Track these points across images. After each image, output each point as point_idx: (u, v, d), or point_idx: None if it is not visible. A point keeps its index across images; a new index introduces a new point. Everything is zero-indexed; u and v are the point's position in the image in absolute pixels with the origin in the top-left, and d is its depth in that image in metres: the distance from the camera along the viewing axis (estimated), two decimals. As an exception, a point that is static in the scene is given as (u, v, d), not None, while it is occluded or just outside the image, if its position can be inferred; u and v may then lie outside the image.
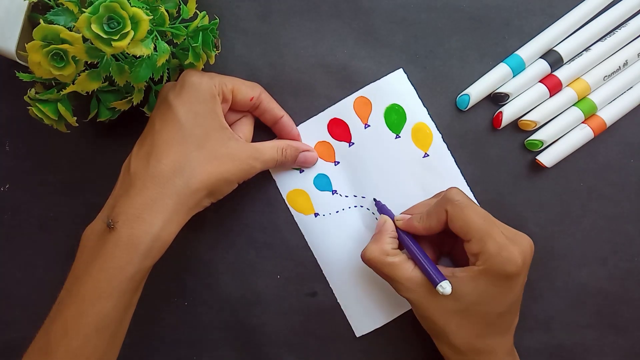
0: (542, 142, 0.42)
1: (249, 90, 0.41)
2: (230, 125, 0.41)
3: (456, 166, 0.44)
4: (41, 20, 0.33)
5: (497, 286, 0.35)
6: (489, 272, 0.34)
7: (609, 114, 0.43)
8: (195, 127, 0.37)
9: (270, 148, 0.41)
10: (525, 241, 0.36)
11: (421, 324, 0.39)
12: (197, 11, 0.39)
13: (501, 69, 0.43)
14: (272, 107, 0.42)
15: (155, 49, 0.35)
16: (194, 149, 0.37)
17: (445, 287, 0.34)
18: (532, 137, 0.43)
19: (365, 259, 0.38)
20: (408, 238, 0.39)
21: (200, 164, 0.37)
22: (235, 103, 0.40)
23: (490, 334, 0.36)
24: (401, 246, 0.39)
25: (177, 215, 0.36)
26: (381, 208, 0.42)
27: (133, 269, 0.34)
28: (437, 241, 0.40)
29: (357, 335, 0.44)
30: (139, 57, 0.34)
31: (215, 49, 0.39)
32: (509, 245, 0.34)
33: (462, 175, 0.43)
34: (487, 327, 0.36)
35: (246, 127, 0.42)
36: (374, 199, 0.43)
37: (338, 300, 0.44)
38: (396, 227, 0.40)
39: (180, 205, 0.36)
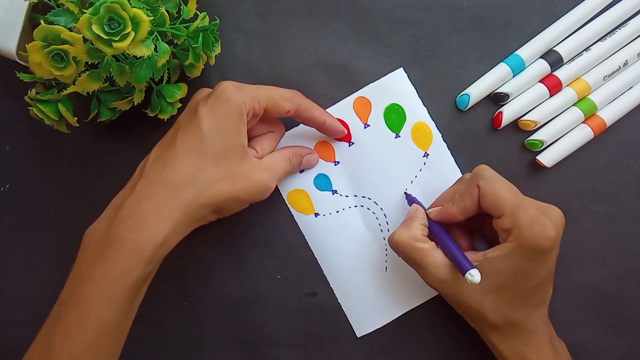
0: (542, 142, 0.42)
1: (286, 104, 0.39)
2: (255, 137, 0.41)
3: (456, 165, 0.44)
4: (42, 21, 0.33)
5: (530, 261, 0.34)
6: (521, 247, 0.34)
7: (609, 114, 0.43)
8: (216, 142, 0.36)
9: (279, 161, 0.41)
10: (556, 213, 0.36)
11: (455, 309, 0.39)
12: (198, 12, 0.39)
13: (501, 69, 0.43)
14: (313, 115, 0.41)
15: (155, 49, 0.35)
16: (210, 164, 0.36)
17: (474, 275, 0.34)
18: (532, 137, 0.43)
19: (393, 242, 0.38)
20: (438, 227, 0.39)
21: (213, 181, 0.36)
22: (269, 115, 0.39)
23: (525, 306, 0.36)
24: (431, 237, 0.39)
25: (182, 226, 0.36)
26: (411, 200, 0.42)
27: (136, 275, 0.34)
28: (467, 226, 0.41)
29: (358, 336, 0.44)
30: (140, 57, 0.35)
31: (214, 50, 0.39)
32: (541, 217, 0.34)
33: (462, 174, 0.43)
34: (523, 300, 0.36)
35: (268, 143, 0.41)
36: (405, 192, 0.43)
37: (339, 300, 0.44)
38: (427, 217, 0.39)
39: (186, 217, 0.36)
